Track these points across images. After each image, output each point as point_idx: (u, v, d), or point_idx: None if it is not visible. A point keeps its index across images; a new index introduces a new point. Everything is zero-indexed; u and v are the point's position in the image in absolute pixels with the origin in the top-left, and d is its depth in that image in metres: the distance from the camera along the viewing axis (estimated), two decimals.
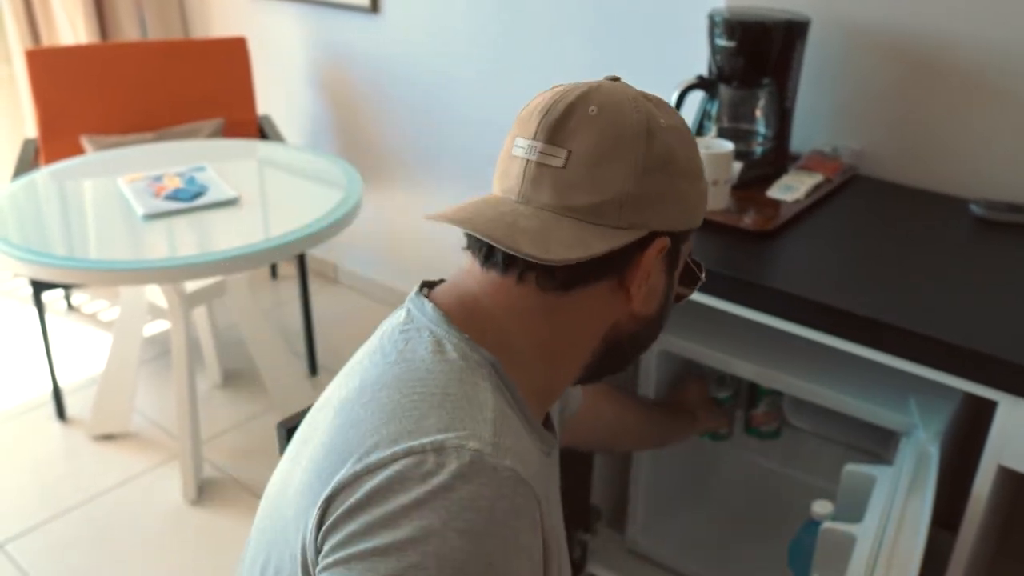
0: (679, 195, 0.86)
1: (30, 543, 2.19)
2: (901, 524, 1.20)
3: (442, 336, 0.84)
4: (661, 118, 0.86)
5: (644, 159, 0.83)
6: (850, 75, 1.84)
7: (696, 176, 0.88)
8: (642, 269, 0.86)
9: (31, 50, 2.79)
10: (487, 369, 0.83)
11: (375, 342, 0.89)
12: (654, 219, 0.85)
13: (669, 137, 0.85)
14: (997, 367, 1.21)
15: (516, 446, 0.78)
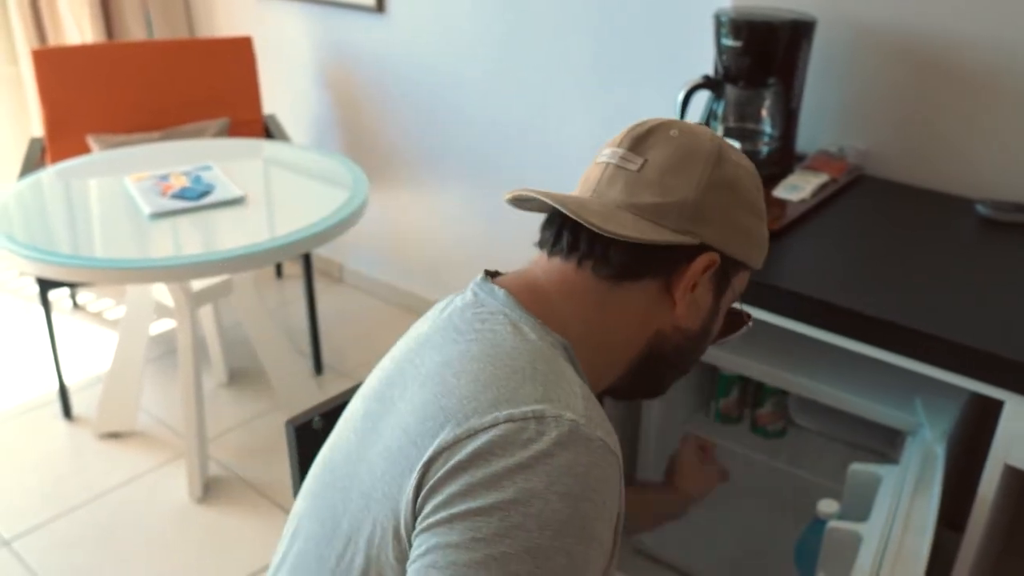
0: (738, 221, 0.93)
1: (36, 541, 2.20)
2: (907, 523, 1.20)
3: (517, 319, 0.88)
4: (732, 155, 0.94)
5: (710, 176, 0.91)
6: (856, 75, 1.84)
7: (758, 214, 0.95)
8: (688, 277, 0.91)
9: (37, 50, 2.79)
10: (562, 352, 0.87)
11: (443, 322, 0.92)
12: (709, 233, 0.91)
13: (738, 170, 0.94)
14: (1003, 367, 1.21)
15: (604, 422, 0.82)
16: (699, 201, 0.91)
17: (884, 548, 1.17)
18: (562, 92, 2.39)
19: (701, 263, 0.91)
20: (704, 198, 0.91)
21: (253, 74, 3.02)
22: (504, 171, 2.63)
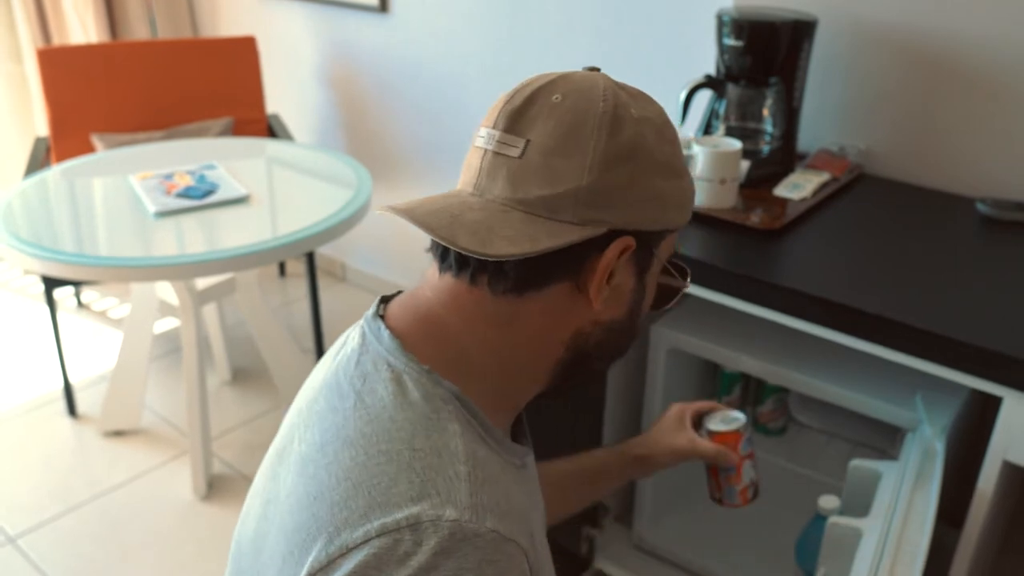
0: (649, 191, 0.78)
1: (41, 538, 2.21)
2: (907, 518, 1.21)
3: (401, 370, 0.78)
4: (633, 108, 0.79)
5: (604, 150, 0.76)
6: (857, 74, 1.85)
7: (673, 173, 0.80)
8: (600, 271, 0.78)
9: (42, 49, 2.81)
10: (452, 405, 0.77)
11: (331, 376, 0.83)
12: (615, 216, 0.77)
13: (640, 128, 0.78)
14: (1002, 363, 1.22)
15: (494, 496, 0.73)
16: (595, 183, 0.76)
17: (884, 543, 1.17)
18: None
19: (613, 252, 0.78)
20: (602, 178, 0.76)
21: (257, 74, 3.03)
22: None
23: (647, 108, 0.81)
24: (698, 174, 1.59)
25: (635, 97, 0.82)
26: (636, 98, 0.81)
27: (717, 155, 1.58)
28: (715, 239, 1.56)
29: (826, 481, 1.81)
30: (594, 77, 0.82)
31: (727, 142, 1.63)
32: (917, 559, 1.14)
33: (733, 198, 1.62)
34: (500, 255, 0.74)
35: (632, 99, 0.81)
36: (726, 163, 1.58)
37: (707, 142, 1.63)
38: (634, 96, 0.82)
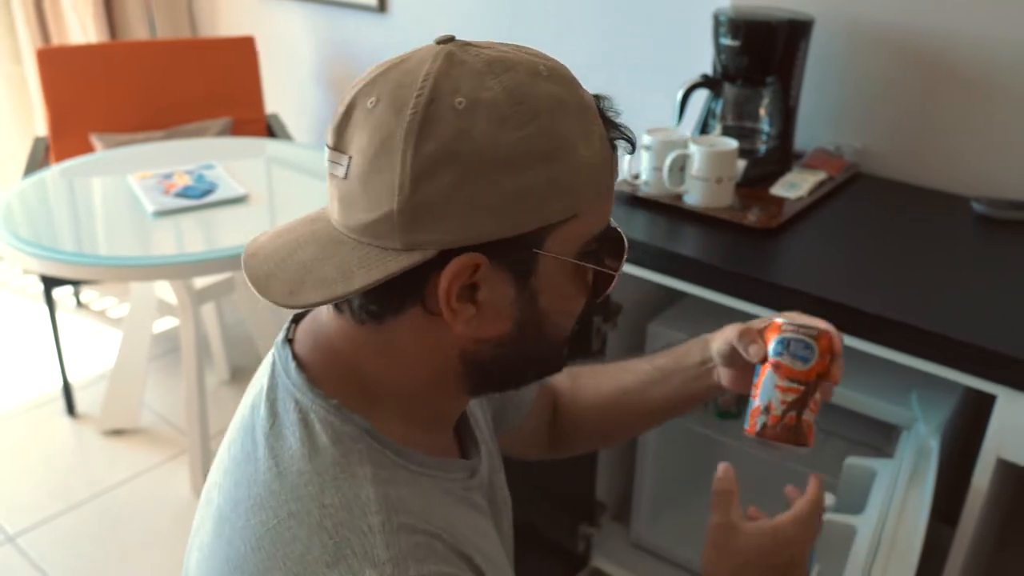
0: (490, 196, 0.66)
1: (40, 537, 2.22)
2: (901, 516, 1.22)
3: (308, 408, 0.73)
4: (461, 96, 0.66)
5: (413, 163, 0.65)
6: (853, 74, 1.86)
7: (527, 163, 0.66)
8: (442, 297, 0.68)
9: (41, 49, 2.81)
10: (362, 443, 0.72)
11: (248, 414, 0.78)
12: (445, 235, 0.67)
13: (466, 122, 0.65)
14: (996, 361, 1.23)
15: (412, 538, 0.68)
16: (409, 203, 0.66)
17: (878, 540, 1.18)
18: None
19: (451, 274, 0.67)
20: (415, 196, 0.66)
21: (256, 73, 3.04)
22: None
23: (485, 88, 0.67)
24: (695, 173, 1.59)
25: (477, 74, 0.67)
26: (478, 75, 0.67)
27: (713, 154, 1.58)
28: (712, 238, 1.56)
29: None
30: (422, 60, 0.69)
31: (723, 141, 1.63)
32: (911, 557, 1.14)
33: (730, 197, 1.62)
34: (305, 305, 0.69)
35: (468, 78, 0.67)
36: (722, 162, 1.59)
37: (704, 141, 1.64)
38: (476, 73, 0.67)
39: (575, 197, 0.69)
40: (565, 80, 0.71)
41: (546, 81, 0.69)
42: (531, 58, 0.70)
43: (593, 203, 0.71)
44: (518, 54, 0.70)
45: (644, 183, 1.68)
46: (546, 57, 0.72)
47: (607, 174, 0.72)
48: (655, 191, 1.66)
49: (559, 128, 0.68)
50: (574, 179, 0.69)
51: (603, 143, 0.71)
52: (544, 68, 0.70)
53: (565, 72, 0.72)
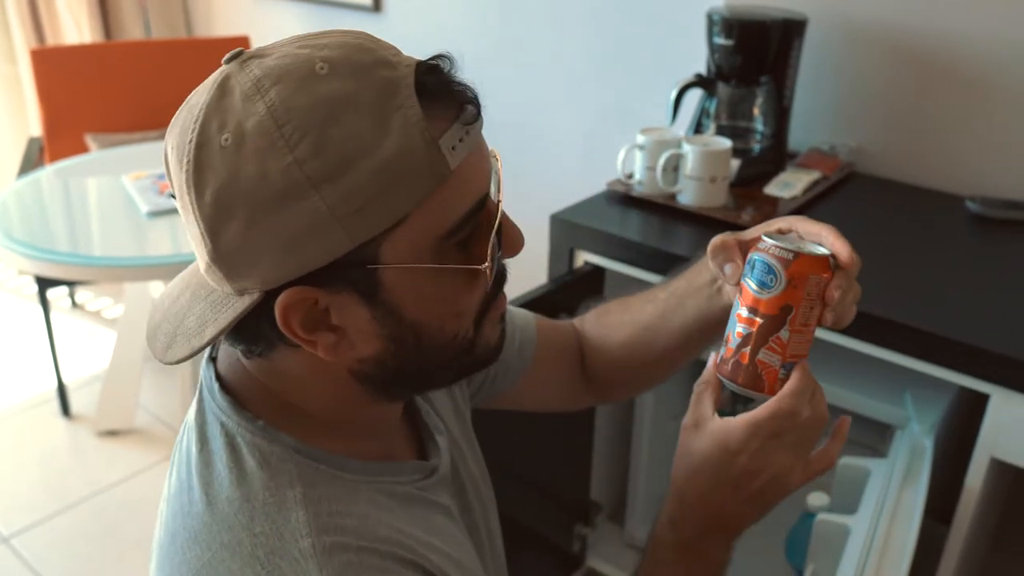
0: (283, 230, 0.61)
1: (35, 538, 2.21)
2: (895, 515, 1.22)
3: (234, 431, 0.71)
4: (227, 132, 0.60)
5: (200, 215, 0.62)
6: (847, 73, 1.86)
7: (306, 189, 0.59)
8: (285, 331, 0.65)
9: (36, 49, 2.81)
10: (291, 463, 0.70)
11: (183, 440, 0.76)
12: (259, 276, 0.63)
13: (232, 161, 0.60)
14: (990, 361, 1.23)
15: (345, 555, 0.67)
16: (216, 252, 0.63)
17: (872, 540, 1.18)
18: (557, 90, 2.40)
19: (281, 312, 0.64)
20: (218, 245, 0.62)
21: None
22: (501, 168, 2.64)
23: (250, 114, 0.60)
24: (688, 173, 1.59)
25: (245, 99, 0.61)
26: (246, 99, 0.61)
27: (707, 154, 1.58)
28: (706, 238, 1.55)
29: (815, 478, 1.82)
30: (201, 91, 0.64)
31: (717, 141, 1.63)
32: (904, 556, 1.15)
33: (724, 197, 1.62)
34: (177, 361, 0.68)
35: (235, 107, 0.61)
36: (716, 162, 1.59)
37: (697, 141, 1.64)
38: (244, 98, 0.61)
39: (392, 199, 0.61)
40: (355, 67, 0.62)
41: (325, 80, 0.60)
42: (311, 54, 0.62)
43: (424, 195, 0.62)
44: (300, 53, 0.62)
45: (638, 183, 1.68)
46: (337, 43, 0.63)
47: (433, 158, 0.62)
48: (649, 191, 1.66)
49: (340, 135, 0.59)
50: (381, 182, 0.61)
51: (420, 123, 0.61)
52: (324, 63, 0.61)
53: (358, 57, 0.62)
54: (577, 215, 1.65)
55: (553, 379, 1.07)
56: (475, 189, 0.67)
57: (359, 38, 0.65)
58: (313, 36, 0.65)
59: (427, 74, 0.64)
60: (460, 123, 0.64)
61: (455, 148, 0.63)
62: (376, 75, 0.62)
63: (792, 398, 0.75)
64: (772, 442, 0.76)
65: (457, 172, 0.64)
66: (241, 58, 0.64)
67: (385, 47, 0.65)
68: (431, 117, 0.62)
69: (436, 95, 0.64)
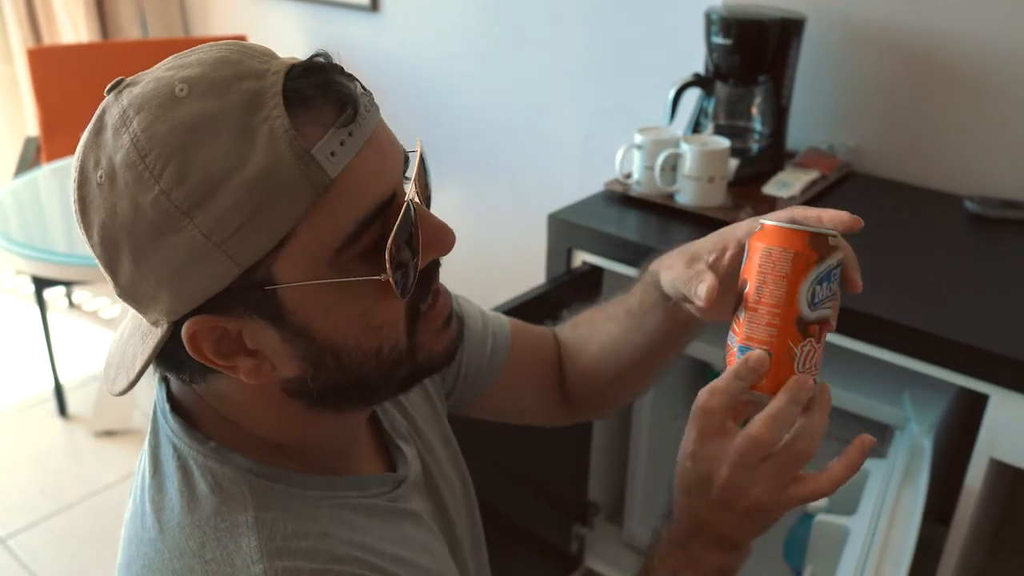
0: (167, 262, 0.59)
1: (31, 538, 2.21)
2: (894, 516, 1.21)
3: (186, 454, 0.69)
4: (100, 170, 0.59)
5: (94, 251, 0.62)
6: (846, 72, 1.85)
7: (179, 218, 0.57)
8: (198, 359, 0.64)
9: (32, 49, 2.80)
10: (244, 485, 0.68)
11: (139, 463, 0.74)
12: (162, 308, 0.62)
13: (109, 198, 0.59)
14: (989, 361, 1.22)
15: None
16: (119, 289, 0.63)
17: (871, 541, 1.18)
18: (555, 89, 2.40)
19: (188, 342, 0.62)
20: (117, 278, 0.62)
21: None
22: (499, 168, 2.64)
23: (119, 147, 0.59)
24: (687, 172, 1.59)
25: (114, 132, 0.59)
26: (115, 132, 0.59)
27: (705, 153, 1.58)
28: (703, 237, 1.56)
29: None
30: (84, 132, 0.63)
31: (715, 140, 1.63)
32: (903, 557, 1.14)
33: (722, 196, 1.62)
34: (120, 393, 0.67)
35: (107, 142, 0.60)
36: (714, 161, 1.58)
37: (695, 140, 1.63)
38: (113, 131, 0.60)
39: (270, 218, 0.58)
40: (215, 84, 0.59)
41: (184, 103, 0.58)
42: (173, 76, 0.60)
43: (305, 209, 0.59)
44: (164, 76, 0.60)
45: (636, 182, 1.68)
46: (200, 60, 0.61)
47: (308, 169, 0.58)
48: (647, 190, 1.66)
49: (203, 158, 0.57)
50: (254, 201, 0.57)
51: (288, 134, 0.58)
52: (183, 84, 0.59)
53: (219, 72, 0.60)
54: (575, 215, 1.64)
55: (529, 387, 1.04)
56: (372, 192, 0.62)
57: (225, 50, 0.62)
58: (186, 54, 0.63)
59: (297, 79, 0.60)
60: (337, 127, 0.60)
61: (335, 154, 0.59)
62: (238, 89, 0.59)
63: (761, 424, 0.68)
64: (741, 473, 0.69)
65: (342, 179, 0.60)
66: (118, 88, 0.63)
67: (255, 55, 0.62)
68: (303, 125, 0.59)
69: (307, 101, 0.60)
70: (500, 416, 1.07)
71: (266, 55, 0.62)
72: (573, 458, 1.83)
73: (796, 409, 0.69)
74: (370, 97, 0.66)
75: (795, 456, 0.69)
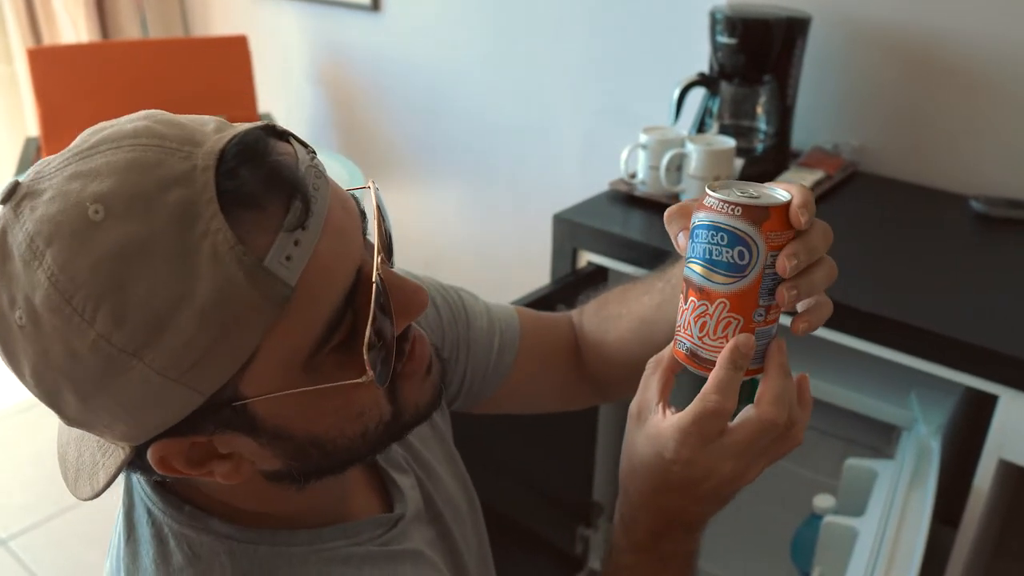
0: (117, 403, 0.54)
1: (33, 540, 2.20)
2: (903, 518, 1.21)
3: (161, 521, 0.65)
4: (18, 311, 0.52)
5: (27, 387, 0.56)
6: (851, 72, 1.85)
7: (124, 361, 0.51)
8: (169, 474, 0.60)
9: (32, 49, 2.79)
10: (224, 553, 0.64)
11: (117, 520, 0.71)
12: (120, 435, 0.57)
13: (40, 342, 0.52)
14: (997, 361, 1.22)
15: None
16: (69, 422, 0.58)
17: (880, 543, 1.17)
18: (558, 89, 2.39)
19: (156, 464, 0.58)
20: (67, 417, 0.57)
21: (248, 73, 3.02)
22: (500, 168, 2.63)
23: (35, 285, 0.51)
24: (692, 172, 1.58)
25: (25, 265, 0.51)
26: (26, 266, 0.51)
27: (711, 153, 1.57)
28: None
29: (821, 480, 1.81)
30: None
31: (721, 140, 1.62)
32: (913, 559, 1.14)
33: None
34: (84, 499, 0.62)
35: (18, 278, 0.52)
36: (720, 161, 1.58)
37: (701, 140, 1.63)
38: (24, 264, 0.51)
39: (230, 343, 0.52)
40: (135, 199, 0.50)
41: (102, 229, 0.50)
42: (82, 191, 0.51)
43: (267, 326, 0.53)
44: (70, 190, 0.51)
45: (641, 182, 1.67)
46: (110, 166, 0.51)
47: (264, 283, 0.51)
48: (652, 190, 1.65)
49: (140, 294, 0.50)
50: (210, 331, 0.51)
51: (235, 250, 0.51)
52: (97, 204, 0.50)
53: (136, 181, 0.51)
54: (580, 215, 1.64)
55: (543, 377, 1.00)
56: (338, 283, 0.56)
57: (136, 148, 0.52)
58: (88, 152, 0.53)
59: (232, 175, 0.52)
60: (286, 230, 0.52)
61: (291, 258, 0.52)
62: (165, 202, 0.50)
63: (770, 405, 0.65)
64: (708, 448, 0.65)
65: (304, 281, 0.53)
66: (13, 200, 0.53)
67: (174, 146, 0.52)
68: (248, 232, 0.51)
69: (249, 201, 0.52)
70: (513, 410, 1.03)
71: (187, 143, 0.53)
72: (577, 459, 1.82)
73: (791, 380, 0.68)
74: (317, 166, 0.56)
75: (793, 442, 0.68)
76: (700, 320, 0.65)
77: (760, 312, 0.65)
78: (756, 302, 0.64)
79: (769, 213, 0.62)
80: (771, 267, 0.63)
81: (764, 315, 0.65)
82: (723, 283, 0.64)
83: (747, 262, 0.62)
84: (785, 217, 0.62)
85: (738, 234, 0.62)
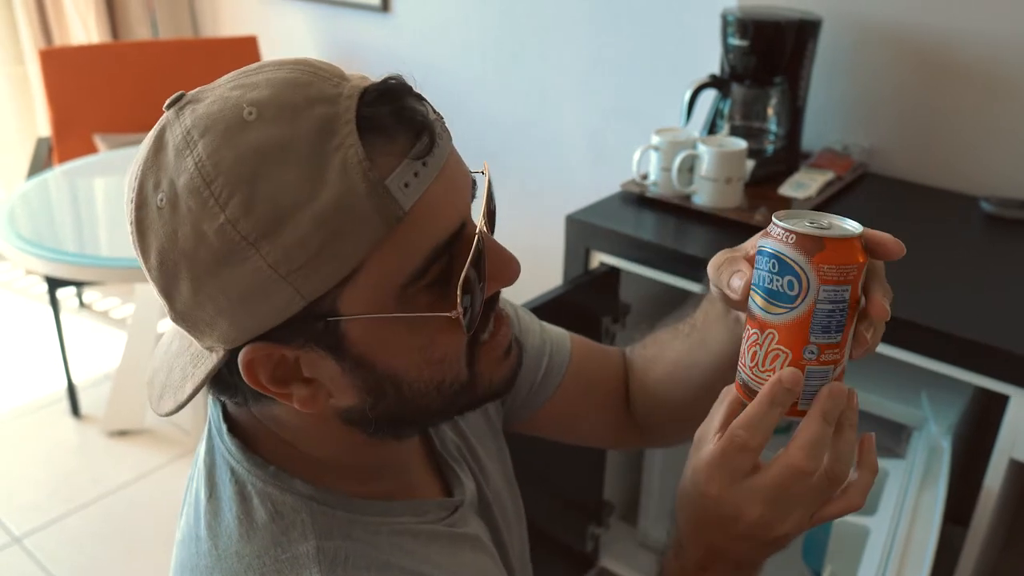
0: (227, 292, 0.57)
1: (46, 538, 2.21)
2: (914, 517, 1.21)
3: (245, 479, 0.68)
4: (161, 192, 0.57)
5: (150, 275, 0.60)
6: (861, 73, 1.85)
7: (243, 249, 0.56)
8: (253, 386, 0.62)
9: (44, 50, 2.81)
10: (304, 513, 0.66)
11: (193, 478, 0.74)
12: (218, 334, 0.60)
13: (168, 223, 0.57)
14: (1009, 361, 1.22)
15: None
16: (175, 314, 0.61)
17: (891, 542, 1.18)
18: (567, 90, 2.40)
19: (244, 369, 0.61)
20: (174, 307, 0.60)
21: None
22: (509, 167, 2.64)
23: (182, 170, 0.56)
24: (704, 174, 1.59)
25: (176, 153, 0.57)
26: (177, 154, 0.57)
27: (722, 155, 1.58)
28: (720, 238, 1.56)
29: None
30: (141, 148, 0.61)
31: (732, 142, 1.63)
32: (925, 558, 1.14)
33: (739, 197, 1.62)
34: (167, 413, 0.65)
35: (169, 163, 0.58)
36: (731, 163, 1.58)
37: (712, 142, 1.63)
38: (176, 152, 0.57)
39: (339, 251, 0.56)
40: (285, 108, 0.57)
41: (252, 128, 0.56)
42: (240, 96, 0.57)
43: (376, 243, 0.57)
44: (230, 96, 0.58)
45: (652, 183, 1.68)
46: (269, 81, 0.59)
47: (381, 202, 0.56)
48: (664, 191, 1.66)
49: (271, 189, 0.55)
50: (323, 234, 0.55)
51: (362, 165, 0.56)
52: (252, 107, 0.57)
53: (290, 95, 0.57)
54: (592, 216, 1.64)
55: (587, 406, 0.99)
56: (442, 224, 0.61)
57: (295, 70, 0.59)
58: (251, 72, 0.60)
59: (372, 105, 0.59)
60: (412, 158, 0.58)
61: (408, 186, 0.57)
62: (310, 115, 0.56)
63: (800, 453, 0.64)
64: (736, 487, 0.65)
65: (415, 211, 0.58)
66: (179, 104, 0.60)
67: (325, 77, 0.59)
68: (377, 154, 0.57)
69: (382, 128, 0.58)
70: (552, 435, 1.02)
71: (337, 76, 0.60)
72: (588, 458, 1.83)
73: (831, 429, 0.64)
74: (443, 123, 0.64)
75: (834, 481, 0.65)
76: (752, 350, 0.65)
77: (812, 350, 0.63)
78: (807, 338, 0.62)
79: (824, 244, 0.61)
80: (825, 302, 0.61)
81: (817, 353, 0.63)
82: (774, 313, 0.63)
83: (796, 293, 0.61)
84: (846, 252, 0.62)
85: (788, 262, 0.61)
